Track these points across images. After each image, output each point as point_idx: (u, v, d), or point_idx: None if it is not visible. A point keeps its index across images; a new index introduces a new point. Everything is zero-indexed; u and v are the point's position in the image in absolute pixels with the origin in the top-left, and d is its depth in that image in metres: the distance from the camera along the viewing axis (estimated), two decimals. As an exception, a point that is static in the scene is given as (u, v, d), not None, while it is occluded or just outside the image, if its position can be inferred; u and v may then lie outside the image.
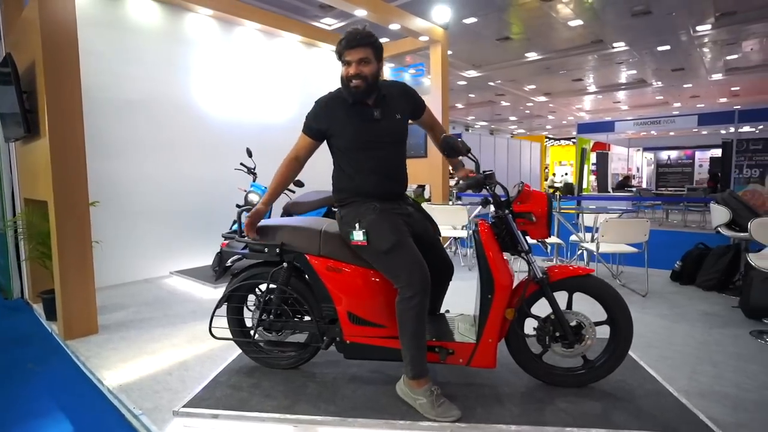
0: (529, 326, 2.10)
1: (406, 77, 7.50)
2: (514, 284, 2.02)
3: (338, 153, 2.10)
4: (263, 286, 2.38)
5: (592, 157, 13.61)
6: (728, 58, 12.58)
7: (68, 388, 2.51)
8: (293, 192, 4.73)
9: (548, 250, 2.04)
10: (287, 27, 5.68)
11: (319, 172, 5.94)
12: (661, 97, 16.88)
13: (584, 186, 14.05)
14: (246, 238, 2.32)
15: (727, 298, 3.71)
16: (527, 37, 11.41)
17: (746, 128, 13.10)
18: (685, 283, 4.09)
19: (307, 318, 2.34)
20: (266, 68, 5.72)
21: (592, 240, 4.13)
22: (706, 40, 11.17)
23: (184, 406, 2.01)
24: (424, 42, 6.03)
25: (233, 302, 2.41)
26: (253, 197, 4.42)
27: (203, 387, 2.20)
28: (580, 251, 4.30)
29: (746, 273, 3.32)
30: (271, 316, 2.28)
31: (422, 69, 6.97)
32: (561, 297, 2.07)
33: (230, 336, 2.42)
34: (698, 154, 12.92)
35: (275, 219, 2.47)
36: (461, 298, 2.68)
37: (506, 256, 2.08)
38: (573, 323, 2.05)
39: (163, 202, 4.79)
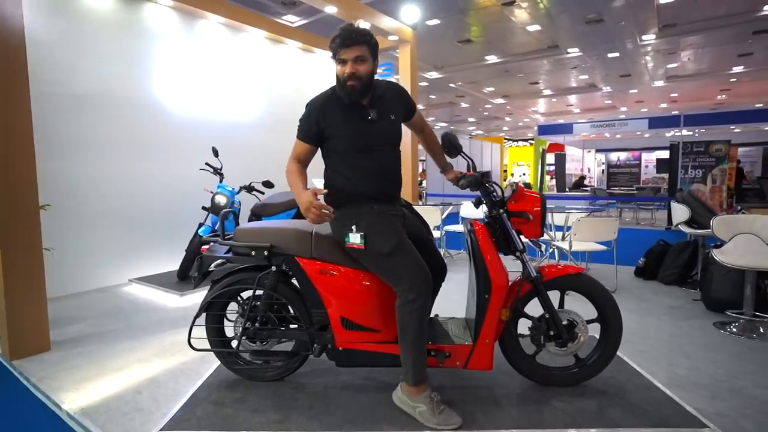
0: (522, 326, 2.10)
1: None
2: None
3: (333, 155, 2.00)
4: (246, 293, 2.24)
5: (550, 158, 14.20)
6: (669, 66, 13.48)
7: (20, 416, 2.25)
8: (262, 193, 4.55)
9: (543, 250, 2.06)
10: (252, 22, 5.46)
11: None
12: (610, 102, 17.84)
13: (541, 186, 14.56)
14: (231, 240, 2.19)
15: (687, 292, 3.92)
16: (487, 40, 11.68)
17: (684, 131, 14.06)
18: (648, 278, 4.29)
19: (294, 325, 2.22)
20: (231, 65, 5.47)
21: (563, 239, 4.24)
22: (649, 48, 11.90)
23: (162, 429, 1.84)
24: (393, 42, 6.00)
25: (213, 311, 2.25)
26: (221, 199, 4.20)
27: (181, 406, 2.04)
28: (552, 249, 4.41)
29: (706, 268, 3.52)
30: (256, 324, 2.15)
31: (390, 69, 6.93)
32: (553, 296, 2.08)
33: (210, 347, 2.25)
34: (644, 156, 13.82)
35: (261, 222, 2.33)
36: (445, 300, 2.66)
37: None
38: (565, 322, 2.07)
39: (121, 205, 4.47)
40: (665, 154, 12.61)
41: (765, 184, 3.84)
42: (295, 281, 2.16)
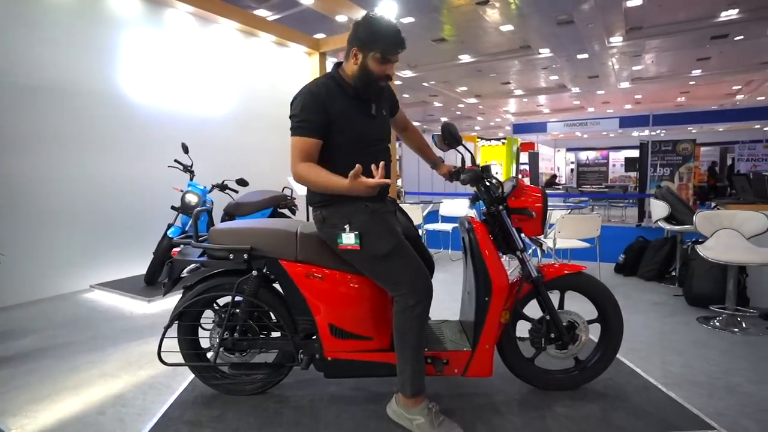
0: (519, 328, 2.00)
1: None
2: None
3: (331, 149, 1.74)
4: (222, 300, 2.05)
5: (523, 157, 14.43)
6: (634, 68, 13.93)
7: (-37, 443, 1.97)
8: (236, 192, 4.31)
9: (545, 249, 1.97)
10: (223, 12, 5.19)
11: (261, 172, 5.55)
12: (578, 102, 18.32)
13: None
14: (205, 243, 1.98)
15: (666, 287, 3.96)
16: (461, 40, 11.70)
17: (647, 132, 14.51)
18: (628, 274, 4.32)
19: (275, 334, 2.05)
20: (201, 57, 5.17)
21: (545, 236, 4.22)
22: (616, 51, 12.24)
23: (131, 455, 1.63)
24: (370, 36, 5.85)
25: (186, 320, 2.04)
26: (191, 198, 3.94)
27: (152, 427, 1.83)
28: (534, 247, 4.37)
29: (687, 263, 3.56)
30: (235, 334, 1.96)
31: (367, 64, 6.77)
32: (552, 296, 2.00)
33: (183, 361, 2.04)
34: (612, 155, 14.26)
35: (239, 222, 2.14)
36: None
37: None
38: (565, 323, 1.99)
39: (81, 205, 4.13)
40: (633, 153, 13.09)
41: (737, 182, 3.95)
42: (277, 286, 1.98)
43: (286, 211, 5.01)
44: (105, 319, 3.34)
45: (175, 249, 2.06)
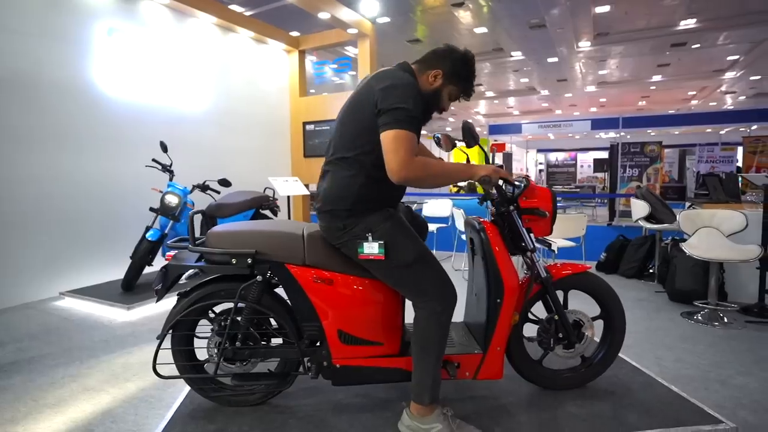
0: (526, 330, 2.00)
1: (327, 71, 7.18)
2: None
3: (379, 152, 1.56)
4: (218, 307, 1.94)
5: (498, 158, 14.73)
6: (599, 72, 14.45)
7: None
8: (218, 192, 4.15)
9: (554, 250, 1.98)
10: (200, 6, 4.99)
11: (240, 172, 5.37)
12: (547, 105, 18.84)
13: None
14: (203, 246, 1.87)
15: (647, 284, 4.11)
16: (436, 41, 11.79)
17: (612, 134, 15.07)
18: (610, 272, 4.45)
19: (278, 340, 1.96)
20: (177, 52, 4.96)
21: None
22: (583, 55, 12.66)
23: (132, 476, 1.51)
24: (351, 35, 5.78)
25: (180, 330, 1.92)
26: (171, 199, 3.76)
27: (151, 444, 1.71)
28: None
29: (668, 261, 3.69)
30: (237, 343, 1.85)
31: (348, 63, 6.71)
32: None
33: (179, 373, 1.92)
34: (580, 156, 14.77)
35: (236, 223, 2.03)
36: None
37: None
38: (571, 322, 2.00)
39: (48, 206, 3.86)
40: (601, 155, 13.59)
41: (710, 182, 4.14)
42: (279, 291, 1.90)
43: (267, 213, 4.88)
44: (80, 329, 3.13)
45: (169, 253, 1.94)
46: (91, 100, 4.17)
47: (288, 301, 1.86)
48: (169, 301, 3.66)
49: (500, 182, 1.88)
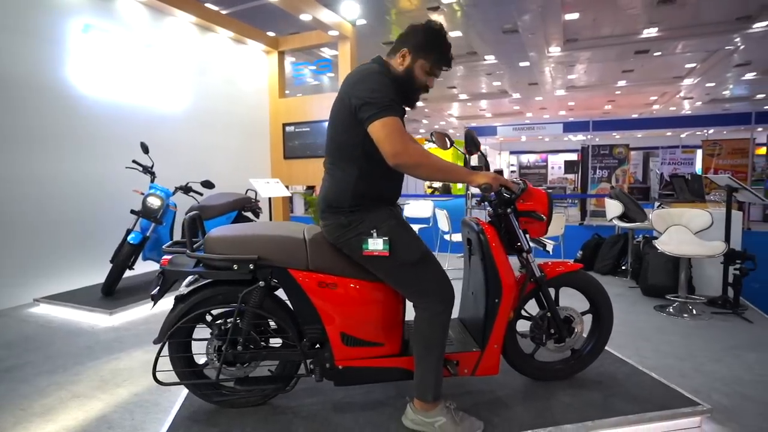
0: (518, 325, 2.09)
1: (306, 72, 7.15)
2: None
3: (379, 160, 1.58)
4: (215, 311, 1.92)
5: (473, 159, 14.99)
6: (568, 77, 14.96)
7: None
8: (201, 194, 4.08)
9: (550, 250, 2.07)
10: (178, 4, 4.90)
11: (219, 173, 5.28)
12: (518, 108, 19.31)
13: (459, 186, 15.23)
14: (200, 252, 1.85)
15: (621, 280, 4.31)
16: (411, 44, 11.92)
17: (580, 136, 15.56)
18: (586, 269, 4.62)
19: (274, 343, 1.96)
20: (155, 50, 4.84)
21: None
22: (553, 60, 13.08)
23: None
24: (332, 37, 5.80)
25: (178, 335, 1.89)
26: (154, 201, 3.68)
27: (154, 448, 1.69)
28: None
29: (641, 258, 3.89)
30: (238, 347, 1.85)
31: (328, 65, 6.71)
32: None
33: (179, 380, 1.90)
34: (551, 158, 15.29)
35: (234, 226, 2.02)
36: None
37: None
38: (562, 317, 2.10)
39: (21, 210, 3.71)
40: (571, 156, 14.07)
41: (676, 182, 4.40)
42: (280, 293, 1.91)
43: (249, 215, 4.84)
44: (60, 336, 3.03)
45: (165, 258, 1.91)
46: (67, 98, 4.02)
47: (290, 304, 1.87)
48: (156, 305, 3.60)
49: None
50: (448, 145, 2.08)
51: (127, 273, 3.72)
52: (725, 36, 10.88)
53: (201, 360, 1.94)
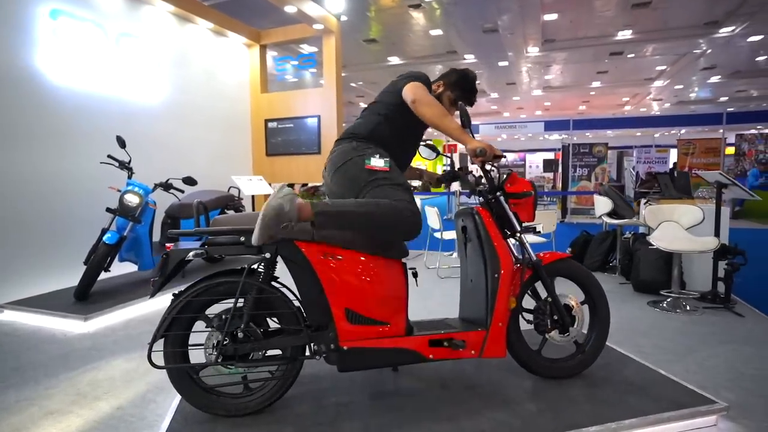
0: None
1: (288, 68, 6.95)
2: None
3: (404, 117, 1.98)
4: (209, 311, 1.80)
5: (455, 159, 15.06)
6: (545, 77, 15.22)
7: None
8: (182, 192, 3.87)
9: (541, 230, 2.21)
10: (154, -9, 4.64)
11: (200, 169, 5.02)
12: (495, 107, 19.55)
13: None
14: (208, 227, 1.76)
15: (610, 276, 4.34)
16: (392, 42, 11.85)
17: (555, 136, 15.85)
18: (575, 266, 4.64)
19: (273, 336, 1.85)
20: (130, 39, 4.57)
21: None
22: (531, 60, 13.27)
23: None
24: (317, 30, 5.64)
25: (174, 330, 1.75)
26: (132, 198, 3.46)
27: (146, 468, 1.53)
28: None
29: (632, 254, 3.91)
30: (240, 334, 1.73)
31: (313, 60, 6.54)
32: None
33: (172, 383, 1.75)
34: (529, 157, 15.58)
35: (237, 214, 1.89)
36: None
37: None
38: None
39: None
40: (548, 155, 14.30)
41: (661, 179, 4.46)
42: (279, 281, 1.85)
43: (232, 212, 4.64)
44: (29, 345, 2.79)
45: (168, 245, 1.79)
46: (35, 89, 3.74)
47: (294, 281, 1.81)
48: (131, 310, 3.37)
49: (488, 166, 2.01)
50: (434, 157, 2.31)
51: (102, 275, 3.49)
52: (694, 40, 11.27)
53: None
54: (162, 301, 3.48)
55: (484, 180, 2.08)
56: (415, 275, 2.00)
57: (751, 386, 2.19)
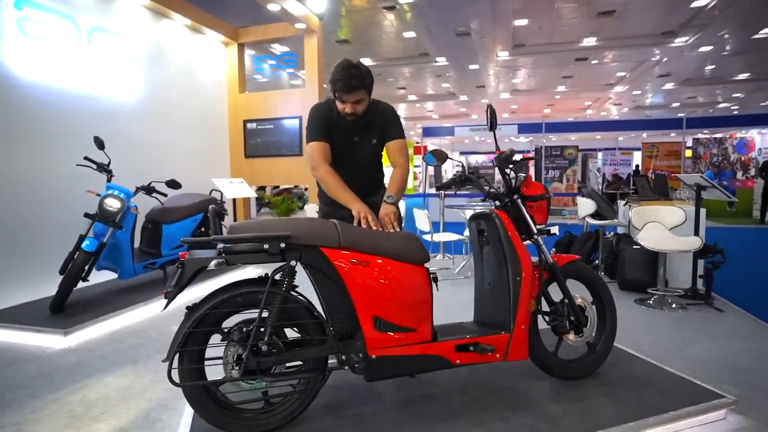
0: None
1: (266, 68, 6.76)
2: None
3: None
4: (225, 323, 1.70)
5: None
6: (513, 81, 15.60)
7: None
8: (165, 195, 3.67)
9: (556, 232, 2.30)
10: (128, -16, 4.39)
11: (179, 171, 4.77)
12: (464, 110, 19.87)
13: (410, 186, 15.34)
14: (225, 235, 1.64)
15: (594, 276, 4.47)
16: (364, 43, 11.79)
17: (522, 138, 16.29)
18: (559, 266, 4.76)
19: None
20: (103, 33, 4.29)
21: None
22: (500, 64, 13.56)
23: None
24: (298, 30, 5.52)
25: (190, 345, 1.63)
26: (113, 203, 3.24)
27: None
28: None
29: (617, 254, 4.05)
30: (262, 347, 1.64)
31: (293, 60, 6.40)
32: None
33: (187, 400, 1.64)
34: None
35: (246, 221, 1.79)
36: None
37: None
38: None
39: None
40: (518, 157, 14.58)
41: (639, 181, 4.66)
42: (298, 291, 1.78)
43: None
44: (4, 363, 2.55)
45: (183, 252, 1.67)
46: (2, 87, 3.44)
47: (316, 289, 1.74)
48: (114, 322, 3.16)
49: (506, 170, 2.08)
50: (441, 164, 2.33)
51: (80, 285, 3.25)
52: (651, 48, 11.88)
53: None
54: (146, 312, 3.30)
55: (501, 183, 2.11)
56: (435, 280, 1.98)
57: (750, 379, 2.29)
